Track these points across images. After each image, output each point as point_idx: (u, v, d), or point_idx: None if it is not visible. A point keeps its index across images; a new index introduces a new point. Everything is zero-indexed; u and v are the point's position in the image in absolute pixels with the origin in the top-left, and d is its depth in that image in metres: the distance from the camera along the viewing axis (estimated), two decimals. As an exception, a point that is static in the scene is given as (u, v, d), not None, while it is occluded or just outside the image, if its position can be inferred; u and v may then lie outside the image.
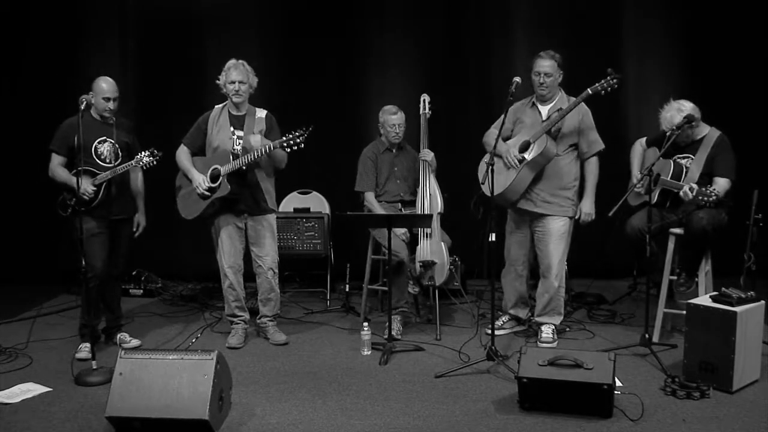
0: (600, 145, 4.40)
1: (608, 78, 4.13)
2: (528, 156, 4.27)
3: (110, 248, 4.38)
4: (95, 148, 4.28)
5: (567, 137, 4.34)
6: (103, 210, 4.28)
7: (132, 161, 4.24)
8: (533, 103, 4.44)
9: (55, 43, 6.02)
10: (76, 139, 4.02)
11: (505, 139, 4.42)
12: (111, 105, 4.26)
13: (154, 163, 4.22)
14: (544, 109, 4.39)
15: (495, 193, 4.06)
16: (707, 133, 4.38)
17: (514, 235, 4.59)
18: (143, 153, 4.20)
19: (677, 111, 4.29)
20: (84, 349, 4.27)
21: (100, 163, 4.28)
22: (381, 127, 4.99)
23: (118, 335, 4.53)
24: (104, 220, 4.30)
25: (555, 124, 4.25)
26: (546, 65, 4.29)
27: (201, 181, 4.37)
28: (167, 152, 4.60)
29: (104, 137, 4.30)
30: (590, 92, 4.16)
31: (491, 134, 4.48)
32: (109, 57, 6.10)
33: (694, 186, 4.08)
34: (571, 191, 4.40)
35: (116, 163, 4.31)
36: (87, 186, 4.17)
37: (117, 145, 4.34)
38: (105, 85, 4.26)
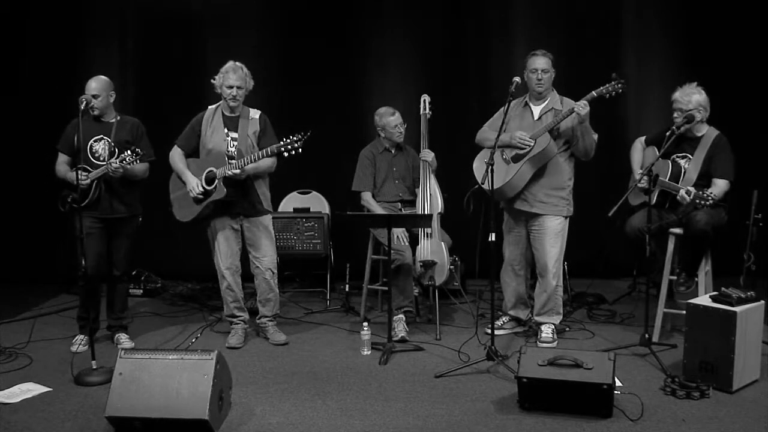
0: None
1: (614, 83, 4.15)
2: (531, 152, 4.28)
3: (108, 247, 4.42)
4: (90, 146, 4.32)
5: (561, 137, 4.36)
6: (96, 208, 4.29)
7: (113, 160, 4.20)
8: (525, 103, 4.45)
9: (55, 43, 6.02)
10: (75, 138, 4.09)
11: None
12: (92, 102, 4.26)
13: (135, 161, 4.17)
14: (536, 109, 4.41)
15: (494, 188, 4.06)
16: (705, 132, 4.38)
17: (510, 234, 4.60)
18: (126, 152, 4.17)
19: (698, 92, 4.30)
20: (78, 341, 4.39)
21: (94, 161, 4.30)
22: (381, 129, 5.00)
23: (116, 335, 4.54)
24: (98, 219, 4.31)
25: (557, 124, 4.25)
26: (542, 62, 4.34)
27: (195, 185, 4.36)
28: (168, 152, 4.60)
29: (100, 135, 4.32)
30: (595, 95, 4.17)
31: (485, 132, 4.53)
32: (109, 57, 6.11)
33: (691, 189, 4.08)
34: (565, 191, 4.41)
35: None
36: (82, 179, 4.24)
37: (113, 144, 4.33)
38: (92, 83, 4.30)
